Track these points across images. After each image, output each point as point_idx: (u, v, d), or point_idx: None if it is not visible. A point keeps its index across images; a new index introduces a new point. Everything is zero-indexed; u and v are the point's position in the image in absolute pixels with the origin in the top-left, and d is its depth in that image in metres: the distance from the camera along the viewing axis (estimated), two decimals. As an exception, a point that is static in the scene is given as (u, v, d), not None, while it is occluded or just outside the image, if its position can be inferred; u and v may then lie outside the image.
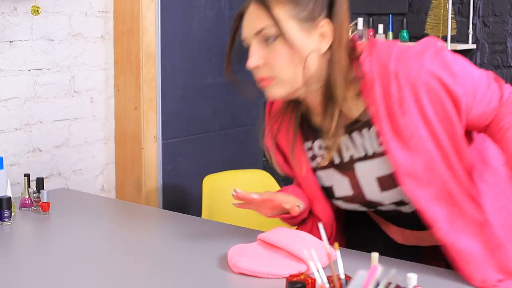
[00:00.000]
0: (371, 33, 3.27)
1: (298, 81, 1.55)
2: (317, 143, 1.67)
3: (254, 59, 1.55)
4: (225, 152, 3.26)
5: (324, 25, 1.54)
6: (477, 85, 1.55)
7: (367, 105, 1.56)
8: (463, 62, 1.56)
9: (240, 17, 1.59)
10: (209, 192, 2.59)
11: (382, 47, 1.57)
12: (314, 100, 1.61)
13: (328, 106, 1.56)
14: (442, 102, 1.51)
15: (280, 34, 1.51)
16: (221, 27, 3.17)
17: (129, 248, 1.84)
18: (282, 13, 1.52)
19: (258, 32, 1.54)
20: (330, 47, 1.54)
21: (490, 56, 3.08)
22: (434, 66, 1.51)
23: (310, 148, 1.69)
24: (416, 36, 3.22)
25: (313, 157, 1.69)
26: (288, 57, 1.52)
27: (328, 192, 1.71)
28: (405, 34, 3.19)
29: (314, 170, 1.71)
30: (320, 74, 1.56)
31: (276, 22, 1.51)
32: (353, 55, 1.56)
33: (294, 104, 1.68)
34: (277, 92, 1.57)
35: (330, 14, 1.55)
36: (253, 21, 1.55)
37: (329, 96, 1.56)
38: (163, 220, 2.18)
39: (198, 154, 3.12)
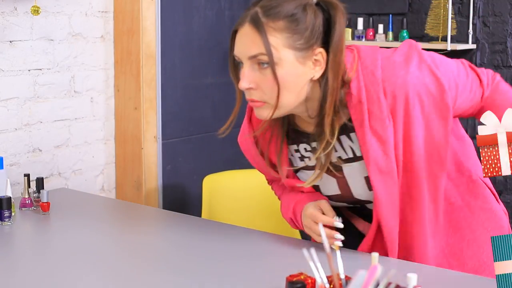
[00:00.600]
0: (371, 33, 3.27)
1: (289, 106, 1.56)
2: (302, 146, 1.69)
3: (246, 83, 1.54)
4: (225, 152, 3.26)
5: (319, 53, 1.53)
6: (457, 79, 1.61)
7: (352, 112, 1.58)
8: (441, 60, 1.62)
9: (234, 33, 1.57)
10: (209, 192, 2.59)
11: (366, 54, 1.59)
12: (302, 113, 1.62)
13: (319, 123, 1.58)
14: (424, 105, 1.56)
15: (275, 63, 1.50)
16: (221, 27, 3.17)
17: (129, 248, 1.84)
18: (278, 41, 1.50)
19: (252, 57, 1.52)
20: (323, 74, 1.54)
21: (490, 56, 3.08)
22: (419, 72, 1.56)
23: (297, 150, 1.71)
24: (416, 36, 3.22)
25: (301, 158, 1.71)
26: (282, 85, 1.51)
27: (315, 190, 1.74)
28: (405, 34, 3.19)
29: (296, 171, 1.73)
30: (310, 97, 1.57)
31: (271, 51, 1.50)
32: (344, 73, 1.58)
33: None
34: (268, 115, 1.56)
35: (324, 43, 1.54)
36: (248, 45, 1.52)
37: (320, 116, 1.57)
38: (163, 220, 2.18)
39: (198, 154, 3.12)
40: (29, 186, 2.18)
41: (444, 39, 3.05)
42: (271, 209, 2.58)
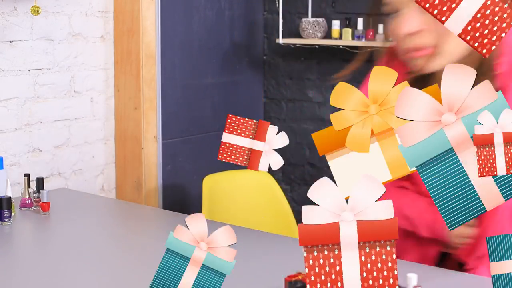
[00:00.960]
0: (371, 33, 3.27)
1: (458, 54, 1.36)
2: None
3: (414, 24, 1.36)
4: (225, 152, 3.26)
5: None
6: None
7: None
8: None
9: None
10: (209, 192, 2.59)
11: None
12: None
13: None
14: None
15: None
16: (221, 27, 3.17)
17: (129, 248, 1.84)
18: None
19: None
20: None
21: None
22: None
23: None
24: (416, 36, 3.22)
25: None
26: None
27: None
28: (405, 34, 3.19)
29: None
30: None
31: None
32: None
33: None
34: (436, 65, 1.37)
35: None
36: None
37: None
38: (163, 220, 2.18)
39: (198, 154, 3.13)
40: (29, 186, 2.18)
41: (444, 39, 3.05)
42: (270, 209, 2.58)
